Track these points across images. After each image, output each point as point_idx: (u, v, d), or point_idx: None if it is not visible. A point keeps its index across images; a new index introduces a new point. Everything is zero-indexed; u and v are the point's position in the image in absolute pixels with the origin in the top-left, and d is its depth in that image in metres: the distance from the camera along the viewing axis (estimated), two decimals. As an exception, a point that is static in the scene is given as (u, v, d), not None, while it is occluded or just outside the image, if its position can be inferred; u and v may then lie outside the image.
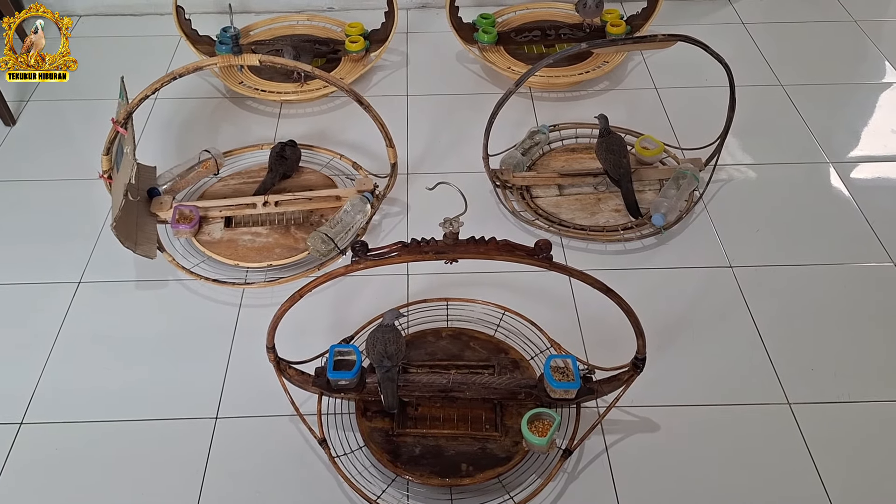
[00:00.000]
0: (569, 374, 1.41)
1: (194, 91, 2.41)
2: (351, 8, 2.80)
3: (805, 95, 2.38)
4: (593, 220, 1.96)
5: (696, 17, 2.77)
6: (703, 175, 2.04)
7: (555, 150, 2.17)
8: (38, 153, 2.20)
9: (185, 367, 1.66)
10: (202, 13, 2.71)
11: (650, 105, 2.36)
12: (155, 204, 1.91)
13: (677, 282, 1.83)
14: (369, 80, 2.48)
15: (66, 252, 1.90)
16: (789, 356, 1.67)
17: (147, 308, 1.79)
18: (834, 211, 2.01)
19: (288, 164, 2.03)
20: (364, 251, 1.19)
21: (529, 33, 2.54)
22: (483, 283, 1.80)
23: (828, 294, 1.80)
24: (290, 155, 2.04)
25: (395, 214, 2.01)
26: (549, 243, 1.18)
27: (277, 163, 2.02)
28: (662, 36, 1.75)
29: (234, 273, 1.84)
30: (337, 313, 1.76)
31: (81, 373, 1.65)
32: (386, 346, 1.40)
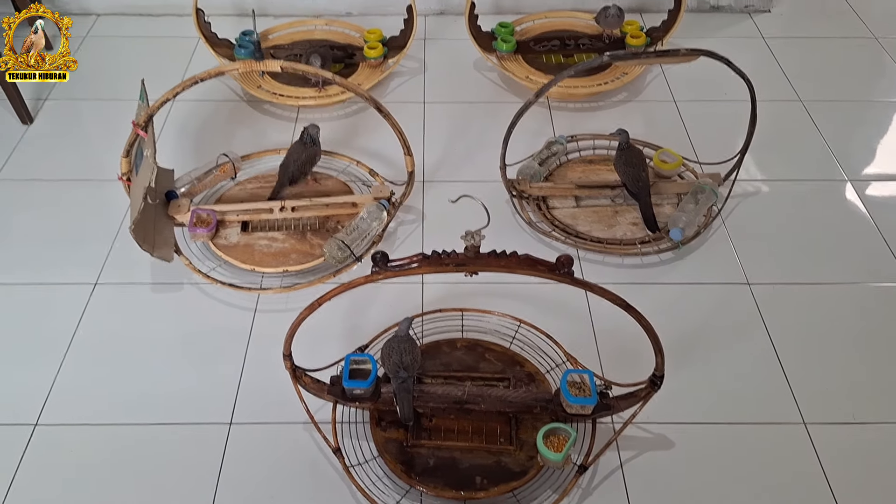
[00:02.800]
0: (585, 389, 1.40)
1: (212, 94, 2.41)
2: (370, 13, 2.80)
3: (824, 111, 2.37)
4: (610, 233, 1.95)
5: (716, 30, 2.76)
6: (722, 190, 2.03)
7: (572, 161, 2.16)
8: (55, 152, 2.21)
9: (200, 372, 1.66)
10: (221, 15, 2.71)
11: (669, 117, 2.35)
12: (173, 207, 1.91)
13: (694, 297, 1.82)
14: (386, 85, 2.48)
15: (83, 253, 1.91)
16: (805, 375, 1.66)
17: (162, 311, 1.79)
18: (852, 229, 2.00)
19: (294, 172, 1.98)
20: (384, 262, 1.19)
21: (548, 43, 2.54)
22: (498, 294, 1.79)
23: (845, 313, 1.79)
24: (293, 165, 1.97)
25: (411, 222, 2.01)
26: (571, 259, 1.17)
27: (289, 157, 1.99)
28: (685, 50, 1.74)
29: (249, 278, 1.84)
30: (351, 320, 1.76)
31: (96, 375, 1.65)
32: (402, 357, 1.39)
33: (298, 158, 1.97)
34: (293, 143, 2.01)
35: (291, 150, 1.99)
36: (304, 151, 1.97)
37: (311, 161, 1.99)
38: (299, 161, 1.96)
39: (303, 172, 1.98)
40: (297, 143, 1.99)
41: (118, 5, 2.78)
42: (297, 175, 1.97)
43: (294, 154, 1.98)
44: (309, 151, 1.98)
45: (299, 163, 1.97)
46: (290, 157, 1.98)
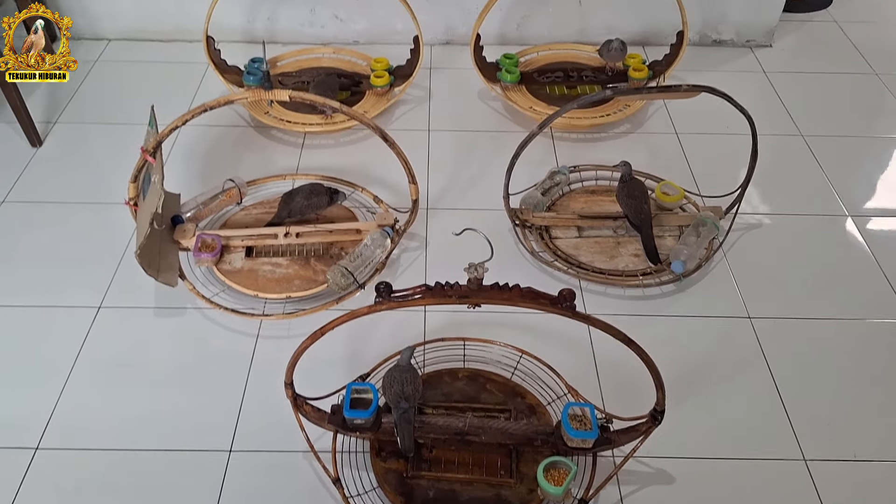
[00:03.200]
0: (586, 422, 1.40)
1: (219, 119, 2.43)
2: (377, 42, 2.83)
3: (825, 146, 2.39)
4: (612, 264, 1.96)
5: (718, 64, 2.79)
6: (723, 223, 2.05)
7: (575, 192, 2.18)
8: (63, 175, 2.23)
9: (201, 398, 1.66)
10: (230, 42, 2.75)
11: (671, 150, 2.37)
12: (178, 231, 1.92)
13: (695, 330, 1.83)
14: (392, 113, 2.50)
15: (88, 276, 1.92)
16: (806, 411, 1.66)
17: (165, 335, 1.80)
18: (852, 264, 2.01)
19: (295, 206, 1.99)
20: (388, 293, 1.19)
21: (552, 74, 2.57)
22: (500, 323, 1.80)
23: (846, 349, 1.80)
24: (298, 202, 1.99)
25: (414, 249, 2.02)
26: (573, 293, 1.18)
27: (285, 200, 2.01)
28: (687, 86, 1.77)
29: (252, 303, 1.85)
30: (353, 347, 1.76)
31: (98, 399, 1.66)
32: (403, 387, 1.40)
33: (308, 201, 1.98)
34: (312, 182, 2.03)
35: (305, 189, 2.00)
36: (315, 197, 1.98)
37: (317, 208, 2.00)
38: (308, 204, 1.98)
39: (302, 213, 1.99)
40: (316, 186, 2.01)
41: (129, 30, 2.82)
42: (297, 213, 1.98)
43: (305, 194, 1.99)
44: (321, 200, 1.99)
45: (306, 205, 1.98)
46: (300, 193, 1.99)
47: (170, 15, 2.76)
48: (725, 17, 2.81)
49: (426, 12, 2.69)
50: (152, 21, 2.78)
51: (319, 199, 1.99)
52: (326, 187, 2.02)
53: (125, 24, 2.80)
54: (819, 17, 3.07)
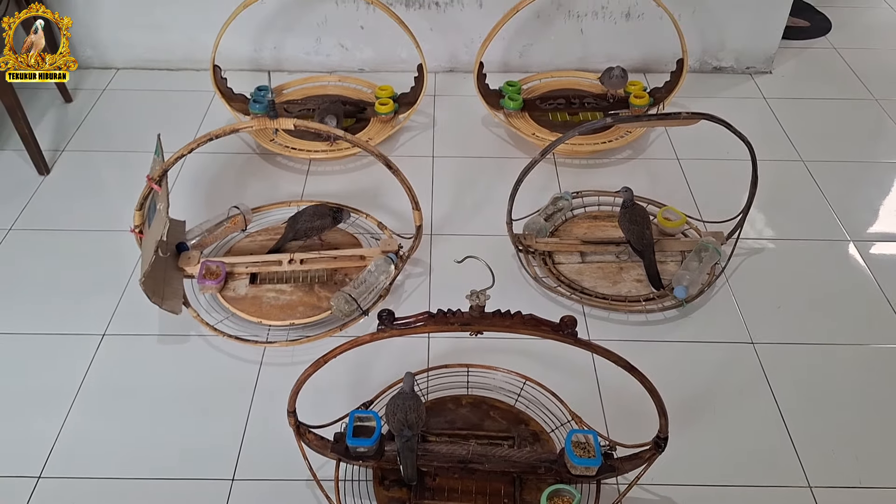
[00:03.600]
0: (590, 450, 1.40)
1: (225, 146, 2.46)
2: (381, 70, 2.87)
3: (826, 171, 2.40)
4: (615, 290, 1.97)
5: (719, 91, 2.81)
6: (725, 248, 2.05)
7: (577, 217, 2.19)
8: (70, 203, 2.25)
9: (204, 426, 1.67)
10: (237, 70, 2.78)
11: (672, 175, 2.38)
12: (183, 259, 1.94)
13: (699, 356, 1.83)
14: (396, 140, 2.52)
15: (93, 304, 1.93)
16: (811, 437, 1.65)
17: (168, 363, 1.80)
18: (855, 289, 2.01)
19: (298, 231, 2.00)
20: (390, 320, 1.20)
21: (554, 101, 2.59)
22: (504, 350, 1.80)
23: (850, 374, 1.79)
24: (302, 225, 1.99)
25: (418, 275, 2.03)
26: (574, 320, 1.19)
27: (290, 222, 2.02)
28: (686, 114, 1.78)
29: (256, 330, 1.86)
30: (357, 374, 1.77)
31: (101, 428, 1.66)
32: (406, 415, 1.40)
33: (311, 223, 1.99)
34: (315, 204, 2.05)
35: (308, 211, 2.01)
36: (319, 219, 1.99)
37: (321, 230, 2.01)
38: (312, 226, 1.99)
39: (307, 235, 2.00)
40: (321, 208, 2.02)
41: (137, 59, 2.86)
42: (302, 235, 1.99)
43: (309, 216, 2.00)
44: (325, 222, 2.00)
45: (310, 227, 1.99)
46: (304, 216, 2.00)
47: (178, 44, 2.80)
48: (725, 44, 2.84)
49: (430, 41, 2.73)
50: (160, 50, 2.82)
51: (323, 220, 2.00)
52: (330, 208, 2.03)
53: (134, 54, 2.84)
54: (818, 44, 3.10)
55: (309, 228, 1.99)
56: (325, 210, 2.01)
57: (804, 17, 3.22)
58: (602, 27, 2.78)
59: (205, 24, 2.60)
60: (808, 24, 3.19)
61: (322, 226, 2.00)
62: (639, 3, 2.70)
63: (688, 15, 2.73)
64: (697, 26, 2.77)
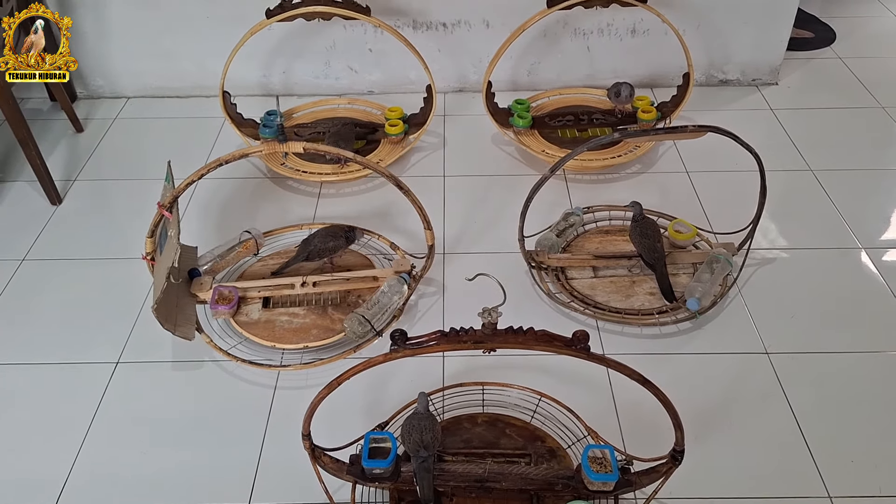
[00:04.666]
0: (607, 465, 1.39)
1: (236, 171, 2.48)
2: (390, 92, 2.89)
3: (835, 180, 2.40)
4: (628, 303, 1.96)
5: (726, 103, 2.82)
6: (737, 259, 2.05)
7: (589, 232, 2.19)
8: (82, 232, 2.27)
9: (220, 451, 1.67)
10: (246, 96, 2.81)
11: (682, 188, 2.39)
12: (195, 285, 1.95)
13: (713, 368, 1.82)
14: (407, 160, 2.54)
15: (106, 332, 1.94)
16: (829, 447, 1.64)
17: (183, 389, 1.81)
18: (868, 297, 2.00)
19: (311, 250, 2.00)
20: (403, 340, 1.21)
21: (563, 118, 2.60)
22: (519, 366, 1.80)
23: (867, 382, 1.78)
24: (315, 245, 2.00)
25: (432, 295, 2.03)
26: (587, 334, 1.19)
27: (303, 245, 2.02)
28: (693, 127, 1.79)
29: (270, 354, 1.86)
30: (371, 395, 1.77)
31: (116, 456, 1.66)
32: (422, 435, 1.40)
33: (325, 244, 1.99)
34: (329, 225, 2.05)
35: (321, 232, 2.02)
36: (333, 240, 1.99)
37: (335, 251, 2.01)
38: (325, 247, 1.99)
39: (320, 255, 2.00)
40: (334, 229, 2.02)
41: (148, 88, 2.89)
42: (315, 255, 2.00)
43: (322, 237, 2.00)
44: (338, 243, 2.00)
45: (324, 248, 1.99)
46: (317, 237, 2.00)
47: (187, 72, 2.84)
48: (730, 57, 2.84)
49: (438, 62, 2.75)
50: (170, 78, 2.86)
51: (337, 241, 2.00)
52: (343, 229, 2.03)
53: (144, 82, 2.88)
54: (823, 55, 3.10)
55: (322, 249, 1.99)
56: (338, 231, 2.02)
57: (808, 28, 3.22)
58: (608, 44, 2.79)
59: (214, 52, 2.63)
60: (812, 35, 3.20)
61: (335, 246, 2.00)
62: (644, 19, 2.72)
63: (692, 30, 2.74)
64: (702, 40, 2.78)
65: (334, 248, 2.01)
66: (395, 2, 2.65)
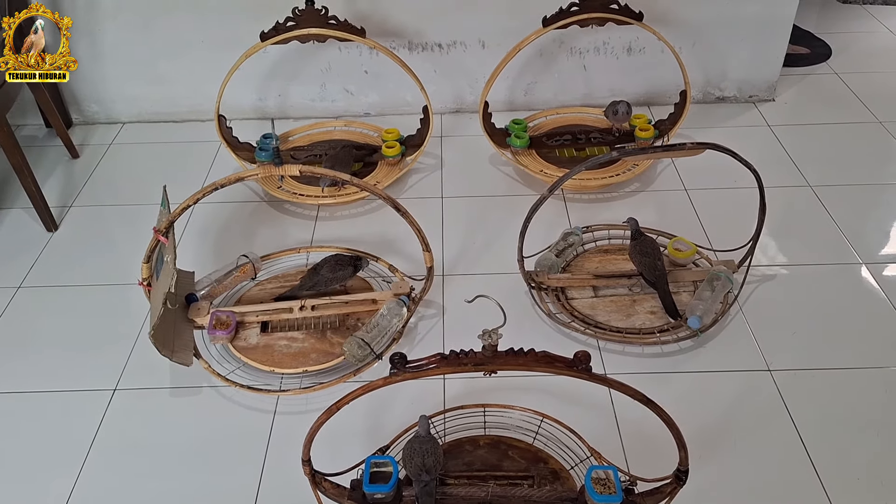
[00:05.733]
0: (610, 486, 1.38)
1: (233, 195, 2.47)
2: (387, 113, 2.89)
3: (834, 196, 2.39)
4: (629, 322, 1.95)
5: (723, 120, 2.82)
6: (737, 276, 2.04)
7: (588, 252, 2.18)
8: (78, 258, 2.26)
9: (219, 478, 1.64)
10: (242, 119, 2.81)
11: (681, 206, 2.38)
12: (193, 310, 1.93)
13: (716, 386, 1.81)
14: (405, 182, 2.53)
15: (103, 359, 1.92)
16: (834, 464, 1.62)
17: (181, 416, 1.79)
18: (870, 312, 1.99)
19: (320, 280, 2.00)
20: (402, 363, 1.19)
21: (561, 137, 2.60)
22: (520, 387, 1.78)
23: (870, 398, 1.76)
24: (324, 274, 1.99)
25: (431, 317, 2.02)
26: (588, 355, 1.18)
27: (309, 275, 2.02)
28: (691, 144, 1.78)
29: (269, 379, 1.84)
30: (373, 419, 1.75)
31: (114, 484, 1.64)
32: (424, 459, 1.38)
33: (334, 274, 1.98)
34: (335, 254, 2.05)
35: (330, 261, 2.01)
36: (341, 269, 1.99)
37: (343, 280, 2.01)
38: (335, 276, 1.98)
39: (328, 284, 1.99)
40: (339, 257, 2.01)
41: (143, 113, 2.89)
42: (323, 284, 1.98)
43: (331, 266, 1.99)
44: (346, 272, 1.99)
45: (333, 277, 1.98)
46: (325, 266, 1.99)
47: (183, 97, 2.84)
48: (727, 74, 2.85)
49: (435, 83, 2.76)
50: (166, 103, 2.86)
51: (345, 270, 1.99)
52: (349, 258, 2.03)
53: (139, 108, 2.88)
54: (819, 70, 3.11)
55: (331, 279, 1.98)
56: (345, 260, 2.01)
57: (804, 45, 3.24)
58: (604, 62, 2.80)
59: (209, 76, 2.63)
60: (808, 52, 3.21)
61: (344, 276, 2.00)
62: (640, 37, 2.73)
63: (688, 47, 2.75)
64: (699, 58, 2.79)
65: (343, 278, 2.00)
66: (390, 23, 2.66)
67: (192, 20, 2.66)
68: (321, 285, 1.99)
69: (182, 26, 2.67)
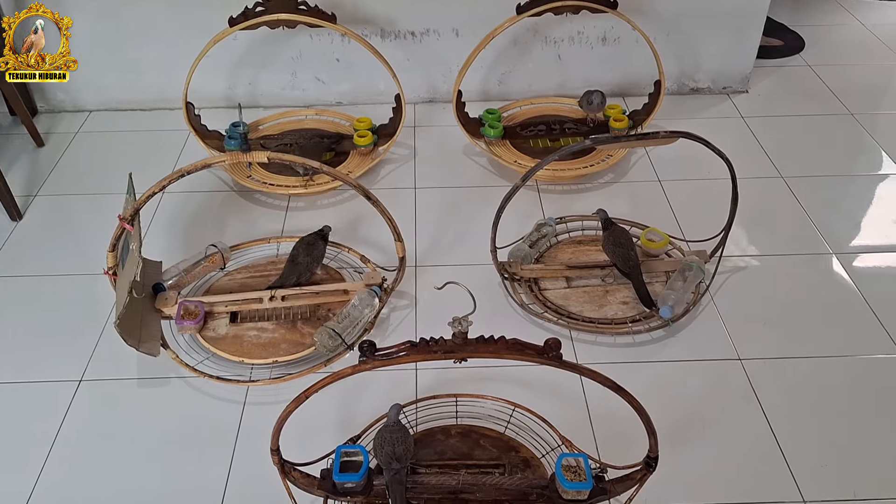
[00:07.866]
0: (581, 473, 1.37)
1: (202, 185, 2.44)
2: (359, 102, 2.86)
3: (805, 187, 2.41)
4: (601, 313, 1.95)
5: (697, 111, 2.83)
6: (709, 267, 2.04)
7: (562, 243, 2.18)
8: (43, 248, 2.21)
9: (187, 469, 1.62)
10: (211, 108, 2.77)
11: (654, 197, 2.38)
12: (160, 300, 1.90)
13: (687, 375, 1.81)
14: (377, 173, 2.51)
15: (69, 349, 1.88)
16: (802, 451, 1.63)
17: (149, 407, 1.76)
18: (840, 302, 2.00)
19: (300, 267, 1.98)
20: (372, 351, 1.18)
21: (535, 128, 2.59)
22: (493, 378, 1.77)
23: (839, 386, 1.78)
24: (302, 260, 1.98)
25: (404, 308, 2.00)
26: (559, 342, 1.17)
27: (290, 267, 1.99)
28: (664, 133, 1.78)
29: (238, 370, 1.82)
30: (343, 410, 1.73)
31: (80, 476, 1.61)
32: (394, 447, 1.37)
33: (311, 255, 1.97)
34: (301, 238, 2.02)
35: (300, 246, 1.99)
36: (315, 249, 1.98)
37: (321, 257, 2.00)
38: (311, 257, 1.97)
39: (310, 269, 1.98)
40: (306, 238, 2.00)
41: (110, 101, 2.84)
42: (305, 271, 1.97)
43: (304, 250, 1.98)
44: (319, 248, 1.99)
45: (311, 261, 1.98)
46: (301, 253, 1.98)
47: (151, 84, 2.79)
48: (701, 65, 2.86)
49: (408, 72, 2.73)
50: (134, 91, 2.81)
51: (318, 248, 1.98)
52: (314, 234, 2.01)
53: (106, 95, 2.83)
54: (792, 62, 3.13)
55: (311, 262, 1.97)
56: (312, 238, 1.99)
57: (777, 37, 3.25)
58: (579, 52, 2.79)
59: (178, 64, 2.58)
60: (781, 43, 3.23)
61: (320, 253, 1.99)
62: (614, 27, 2.72)
63: (663, 38, 2.75)
64: (673, 49, 2.79)
65: (320, 256, 1.99)
66: (362, 10, 2.63)
67: (162, 6, 2.61)
68: (305, 273, 1.97)
69: (150, 13, 2.62)
